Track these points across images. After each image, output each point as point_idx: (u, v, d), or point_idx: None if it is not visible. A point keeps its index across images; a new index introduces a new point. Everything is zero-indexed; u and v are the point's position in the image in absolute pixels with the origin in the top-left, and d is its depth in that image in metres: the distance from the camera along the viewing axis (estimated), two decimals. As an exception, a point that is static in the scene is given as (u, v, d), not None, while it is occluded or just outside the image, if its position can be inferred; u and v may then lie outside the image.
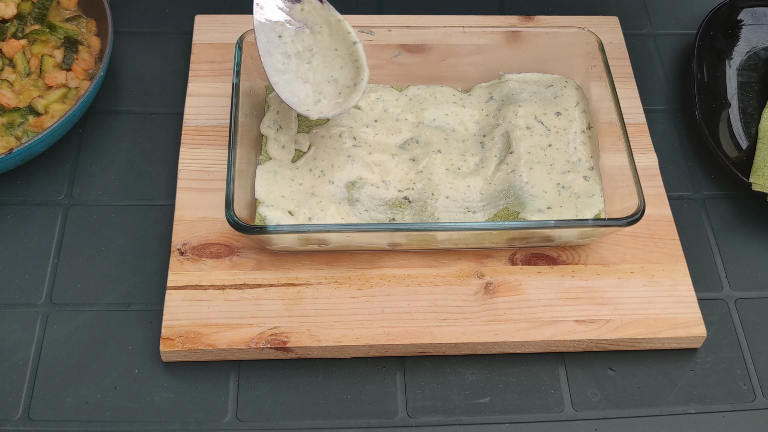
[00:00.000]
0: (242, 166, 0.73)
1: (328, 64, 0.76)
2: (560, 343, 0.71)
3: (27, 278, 0.74)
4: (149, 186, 0.80)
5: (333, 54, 0.76)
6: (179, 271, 0.73)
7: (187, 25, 0.91)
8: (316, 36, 0.76)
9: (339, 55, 0.75)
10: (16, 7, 0.85)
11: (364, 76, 0.74)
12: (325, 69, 0.76)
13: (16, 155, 0.75)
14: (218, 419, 0.68)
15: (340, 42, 0.76)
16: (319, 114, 0.74)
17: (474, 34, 0.83)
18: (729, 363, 0.73)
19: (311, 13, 0.77)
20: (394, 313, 0.72)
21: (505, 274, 0.74)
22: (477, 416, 0.69)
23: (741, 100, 0.88)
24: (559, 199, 0.76)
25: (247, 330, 0.70)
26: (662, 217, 0.79)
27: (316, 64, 0.76)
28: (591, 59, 0.82)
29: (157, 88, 0.87)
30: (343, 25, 0.76)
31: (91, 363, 0.70)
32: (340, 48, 0.76)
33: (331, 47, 0.76)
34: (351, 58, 0.75)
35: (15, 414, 0.67)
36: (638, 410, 0.70)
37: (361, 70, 0.75)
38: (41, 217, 0.77)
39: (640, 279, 0.75)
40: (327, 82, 0.75)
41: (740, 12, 0.94)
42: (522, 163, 0.78)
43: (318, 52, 0.76)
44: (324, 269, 0.74)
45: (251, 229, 0.68)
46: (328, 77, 0.75)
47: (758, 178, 0.80)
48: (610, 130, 0.77)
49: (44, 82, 0.82)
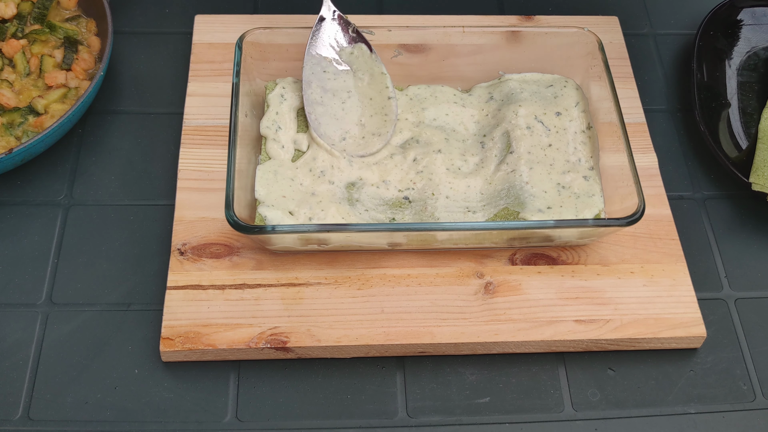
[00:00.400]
0: (242, 166, 0.73)
1: (360, 109, 0.79)
2: (560, 343, 0.71)
3: (27, 278, 0.74)
4: (149, 186, 0.80)
5: (367, 102, 0.79)
6: (179, 271, 0.73)
7: (187, 25, 0.91)
8: (357, 81, 0.80)
9: (373, 104, 0.79)
10: (16, 7, 0.85)
11: (390, 129, 0.78)
12: (357, 113, 0.79)
13: (16, 155, 0.75)
14: (218, 419, 0.68)
15: (376, 93, 0.80)
16: (341, 151, 0.77)
17: (474, 34, 0.83)
18: (729, 363, 0.73)
19: (359, 58, 0.81)
20: (394, 313, 0.72)
21: (505, 274, 0.74)
22: (477, 416, 0.69)
23: (741, 100, 0.88)
24: (559, 199, 0.76)
25: (247, 330, 0.70)
26: (662, 217, 0.79)
27: (349, 105, 0.79)
28: (591, 59, 0.82)
29: (157, 88, 0.87)
30: (384, 79, 0.80)
31: (91, 363, 0.70)
32: (375, 99, 0.79)
33: (368, 95, 0.80)
34: (382, 111, 0.79)
35: (15, 414, 0.67)
36: (638, 410, 0.70)
37: (388, 123, 0.79)
38: (41, 217, 0.77)
39: (640, 279, 0.75)
40: (355, 124, 0.79)
41: (740, 12, 0.94)
42: (522, 162, 0.78)
43: (354, 95, 0.80)
44: (324, 269, 0.74)
45: (251, 229, 0.68)
46: (357, 120, 0.79)
47: (758, 178, 0.80)
48: (610, 130, 0.77)
49: (44, 82, 0.82)
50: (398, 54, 0.83)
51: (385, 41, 0.82)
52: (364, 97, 0.80)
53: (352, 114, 0.79)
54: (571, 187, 0.77)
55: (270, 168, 0.76)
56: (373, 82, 0.80)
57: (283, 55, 0.82)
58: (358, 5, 0.95)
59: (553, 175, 0.78)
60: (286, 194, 0.75)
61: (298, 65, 0.82)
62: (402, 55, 0.83)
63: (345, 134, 0.78)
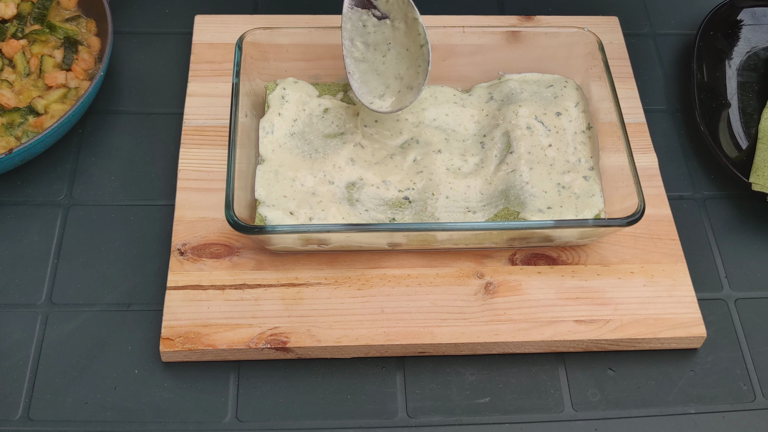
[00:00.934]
0: (242, 166, 0.73)
1: (398, 61, 0.78)
2: (560, 343, 0.71)
3: (27, 278, 0.74)
4: (149, 186, 0.80)
5: (404, 53, 0.78)
6: (179, 271, 0.73)
7: (187, 25, 0.91)
8: (395, 30, 0.79)
9: (408, 54, 0.78)
10: (16, 7, 0.85)
11: (422, 80, 0.77)
12: (396, 65, 0.78)
13: (16, 155, 0.75)
14: (218, 419, 0.68)
15: (411, 42, 0.78)
16: (378, 108, 0.77)
17: (474, 34, 0.83)
18: (729, 363, 0.73)
19: (394, 5, 0.79)
20: (394, 313, 0.72)
21: (505, 274, 0.74)
22: (477, 416, 0.69)
23: (741, 100, 0.88)
24: (559, 199, 0.76)
25: (247, 330, 0.70)
26: (662, 217, 0.79)
27: (389, 58, 0.78)
28: (591, 59, 0.82)
29: (157, 88, 0.87)
30: (416, 25, 0.78)
31: (91, 363, 0.70)
32: (411, 48, 0.78)
33: (404, 45, 0.78)
34: (415, 62, 0.78)
35: (15, 414, 0.67)
36: (638, 410, 0.70)
37: (421, 74, 0.77)
38: (41, 217, 0.77)
39: (640, 279, 0.75)
40: (394, 77, 0.78)
41: (740, 12, 0.94)
42: (522, 162, 0.78)
43: (393, 46, 0.78)
44: (324, 269, 0.74)
45: (251, 229, 0.68)
46: (396, 73, 0.78)
47: (758, 178, 0.80)
48: (610, 130, 0.77)
49: (44, 82, 0.82)
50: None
51: (385, 41, 0.82)
52: (401, 47, 0.79)
53: (392, 67, 0.78)
54: (571, 187, 0.77)
55: (270, 168, 0.76)
56: (408, 30, 0.79)
57: (283, 55, 0.82)
58: (358, 5, 0.95)
59: (553, 175, 0.78)
60: (287, 194, 0.75)
61: (299, 65, 0.82)
62: (402, 55, 0.83)
63: (385, 90, 0.77)
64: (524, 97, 0.82)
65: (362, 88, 0.77)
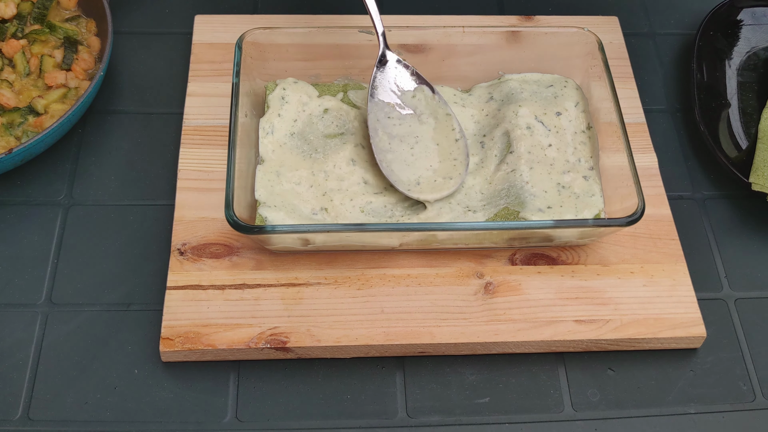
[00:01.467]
0: (242, 166, 0.73)
1: (427, 154, 0.78)
2: (560, 343, 0.71)
3: (27, 278, 0.74)
4: (149, 186, 0.80)
5: (434, 148, 0.78)
6: (179, 271, 0.73)
7: (187, 25, 0.91)
8: (422, 125, 0.79)
9: (440, 150, 0.78)
10: (15, 7, 0.85)
11: (462, 170, 0.77)
12: (426, 158, 0.78)
13: (16, 155, 0.75)
14: (218, 419, 0.68)
15: (443, 138, 0.78)
16: (418, 195, 0.75)
17: (474, 34, 0.83)
18: (729, 363, 0.73)
19: (422, 101, 0.80)
20: (393, 313, 0.72)
21: (504, 274, 0.74)
22: (477, 416, 0.69)
23: (741, 100, 0.88)
24: (559, 198, 0.76)
25: (247, 330, 0.70)
26: (662, 217, 0.79)
27: (418, 150, 0.78)
28: (591, 59, 0.82)
29: (157, 88, 0.87)
30: (450, 121, 0.79)
31: (91, 363, 0.70)
32: (442, 144, 0.78)
33: (435, 140, 0.78)
34: (451, 156, 0.77)
35: (15, 414, 0.67)
36: (638, 410, 0.70)
37: (458, 165, 0.77)
38: (41, 217, 0.77)
39: (639, 279, 0.75)
40: (426, 169, 0.77)
41: (740, 12, 0.94)
42: (522, 162, 0.78)
43: (421, 141, 0.78)
44: (324, 269, 0.74)
45: (251, 229, 0.68)
46: (427, 165, 0.77)
47: (758, 178, 0.80)
48: (609, 130, 0.77)
49: (44, 82, 0.82)
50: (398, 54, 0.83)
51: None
52: (431, 142, 0.78)
53: (422, 159, 0.77)
54: (571, 186, 0.77)
55: (271, 168, 0.76)
56: (438, 126, 0.79)
57: (283, 55, 0.82)
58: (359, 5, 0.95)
59: (553, 174, 0.78)
60: (287, 195, 0.75)
61: (298, 65, 0.82)
62: (402, 55, 0.83)
63: (419, 178, 0.76)
64: (524, 97, 0.82)
65: (393, 176, 0.76)
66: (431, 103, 0.80)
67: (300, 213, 0.74)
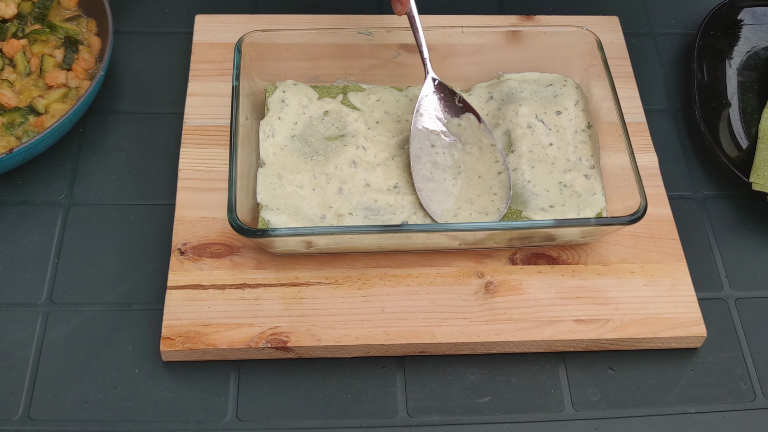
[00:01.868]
0: (243, 168, 0.73)
1: (468, 186, 0.76)
2: (560, 343, 0.71)
3: (27, 278, 0.74)
4: (149, 186, 0.80)
5: (476, 180, 0.76)
6: (179, 270, 0.73)
7: (188, 25, 0.91)
8: (466, 155, 0.78)
9: (481, 182, 0.76)
10: (16, 7, 0.85)
11: (500, 206, 0.75)
12: (466, 189, 0.76)
13: (16, 155, 0.75)
14: (218, 419, 0.68)
15: (485, 170, 0.77)
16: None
17: (474, 33, 0.83)
18: (729, 363, 0.73)
19: (467, 130, 0.78)
20: (394, 312, 0.72)
21: (505, 273, 0.74)
22: (477, 416, 0.69)
23: (741, 99, 0.88)
24: (561, 197, 0.76)
25: (248, 330, 0.70)
26: (662, 217, 0.79)
27: (460, 182, 0.77)
28: (590, 58, 0.82)
29: (157, 88, 0.87)
30: (494, 152, 0.77)
31: (91, 363, 0.70)
32: (484, 176, 0.76)
33: (476, 173, 0.77)
34: (489, 190, 0.76)
35: (15, 414, 0.67)
36: (638, 410, 0.70)
37: (496, 200, 0.75)
38: (41, 217, 0.77)
39: (640, 279, 0.75)
40: (465, 201, 0.76)
41: (740, 12, 0.94)
42: (524, 161, 0.78)
43: (464, 171, 0.77)
44: (324, 269, 0.74)
45: (254, 232, 0.68)
46: (466, 197, 0.76)
47: (758, 177, 0.80)
48: (610, 128, 0.77)
49: (44, 81, 0.82)
50: (398, 54, 0.83)
51: (385, 41, 0.82)
52: (472, 174, 0.77)
53: (463, 190, 0.76)
54: (572, 185, 0.77)
55: (272, 171, 0.76)
56: (481, 156, 0.77)
57: (283, 56, 0.82)
58: (358, 5, 0.95)
59: (554, 173, 0.78)
60: (289, 198, 0.75)
61: (298, 66, 0.82)
62: (402, 55, 0.83)
63: (457, 210, 0.75)
64: (524, 96, 0.82)
65: (432, 206, 0.75)
66: (477, 132, 0.78)
67: (303, 215, 0.74)
